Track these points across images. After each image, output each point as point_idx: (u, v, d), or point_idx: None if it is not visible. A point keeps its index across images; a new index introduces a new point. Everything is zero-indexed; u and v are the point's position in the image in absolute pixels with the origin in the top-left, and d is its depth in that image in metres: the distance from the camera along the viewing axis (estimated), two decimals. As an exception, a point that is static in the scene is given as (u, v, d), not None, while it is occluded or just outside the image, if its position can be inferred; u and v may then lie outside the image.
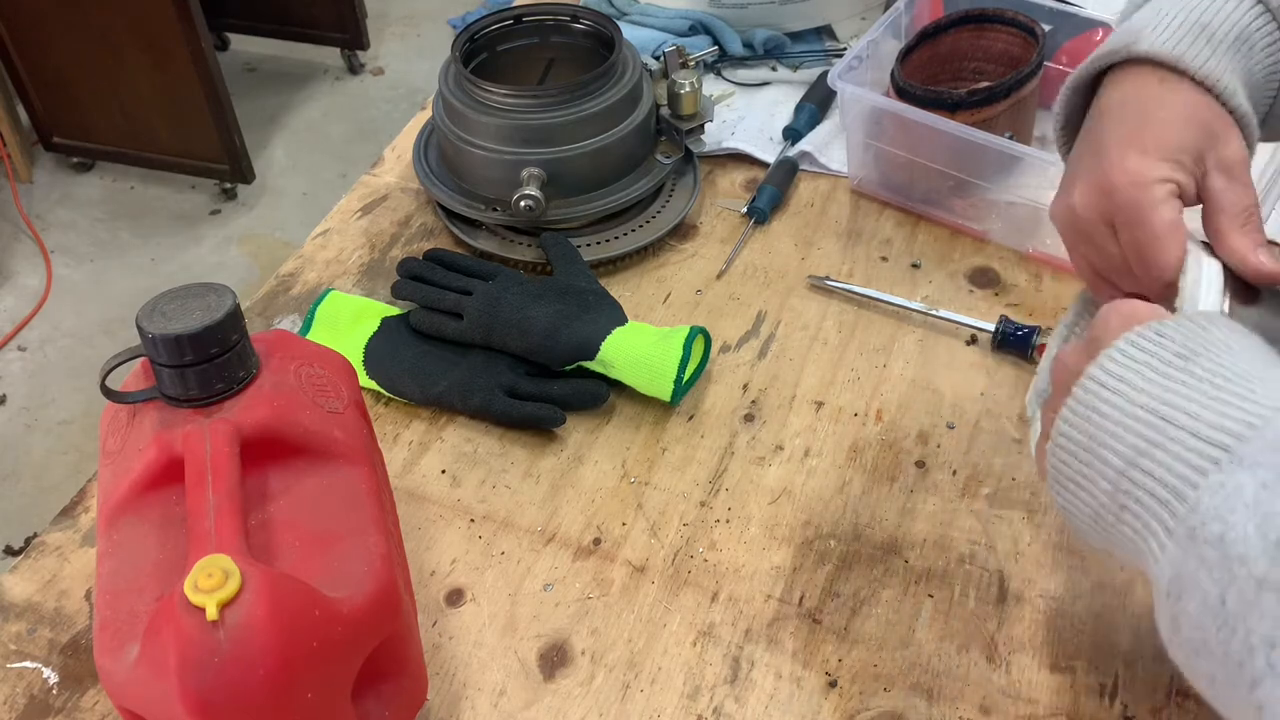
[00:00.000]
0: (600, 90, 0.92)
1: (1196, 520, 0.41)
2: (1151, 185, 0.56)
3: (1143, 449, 0.43)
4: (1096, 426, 0.45)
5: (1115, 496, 0.44)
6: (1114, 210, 0.57)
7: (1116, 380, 0.45)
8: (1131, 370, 0.45)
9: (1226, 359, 0.44)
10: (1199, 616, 0.40)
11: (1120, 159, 0.57)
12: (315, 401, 0.60)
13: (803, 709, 0.66)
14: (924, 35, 0.99)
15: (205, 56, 2.26)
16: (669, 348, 0.80)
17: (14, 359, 2.23)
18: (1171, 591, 0.42)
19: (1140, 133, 0.57)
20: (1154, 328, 0.46)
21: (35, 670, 0.69)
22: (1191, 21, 0.58)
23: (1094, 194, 0.58)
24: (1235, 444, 0.41)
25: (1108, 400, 0.45)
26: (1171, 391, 0.43)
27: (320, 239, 0.99)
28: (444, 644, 0.70)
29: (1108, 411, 0.45)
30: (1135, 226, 0.57)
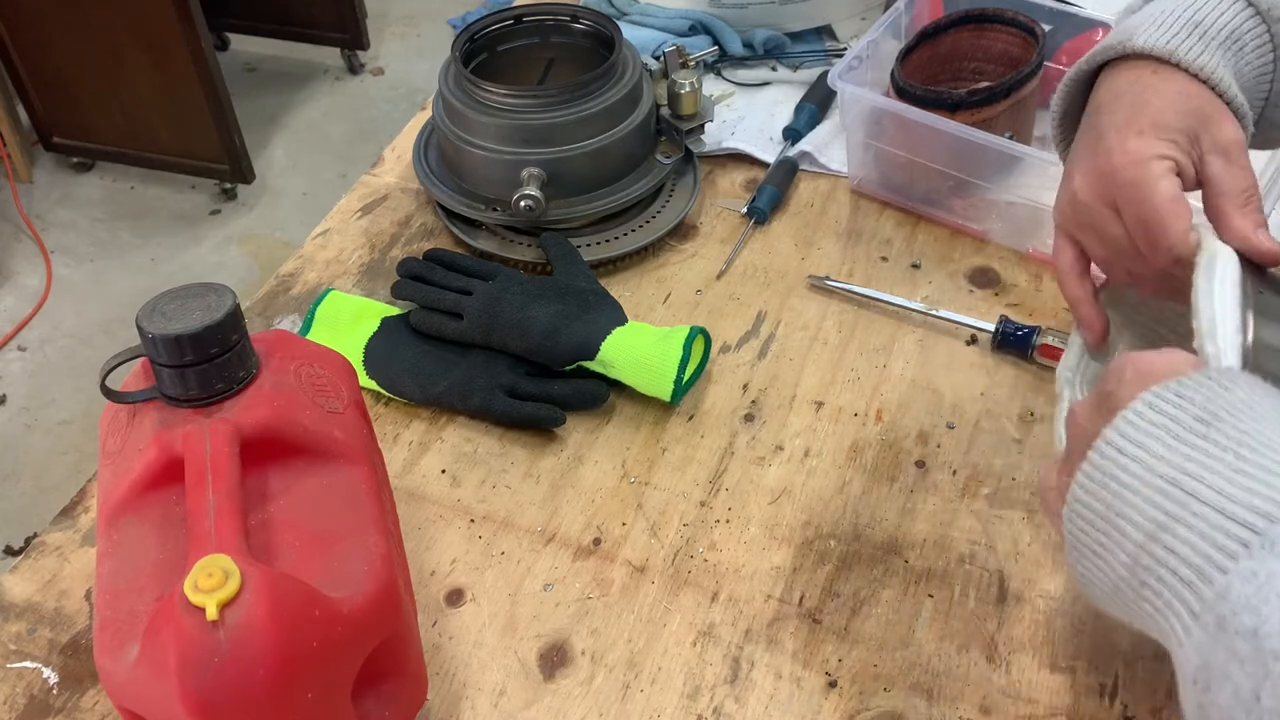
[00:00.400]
0: (600, 90, 0.92)
1: (1226, 609, 0.39)
2: (1150, 161, 0.57)
3: (1163, 523, 0.41)
4: (1114, 495, 0.43)
5: (1135, 571, 0.43)
6: (1115, 191, 0.58)
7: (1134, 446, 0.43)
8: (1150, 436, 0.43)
9: (1250, 425, 0.42)
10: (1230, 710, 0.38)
11: (1119, 142, 0.58)
12: (315, 401, 0.60)
13: (803, 709, 0.66)
14: (924, 35, 0.99)
15: (205, 56, 2.26)
16: (669, 348, 0.80)
17: (14, 359, 2.23)
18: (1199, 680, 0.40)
19: (1136, 117, 0.58)
20: (1173, 389, 0.44)
21: (35, 670, 0.69)
22: (1185, 19, 0.59)
23: (1094, 178, 0.59)
24: (1266, 525, 0.39)
25: (1125, 468, 0.43)
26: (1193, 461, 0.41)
27: (320, 239, 0.99)
28: (444, 644, 0.70)
29: (1126, 480, 0.43)
30: (1138, 203, 0.57)
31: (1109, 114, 0.60)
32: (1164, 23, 0.60)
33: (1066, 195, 0.62)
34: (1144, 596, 0.42)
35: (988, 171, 0.93)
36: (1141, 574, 0.42)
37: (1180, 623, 0.41)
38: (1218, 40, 0.59)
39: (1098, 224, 0.60)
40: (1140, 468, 0.42)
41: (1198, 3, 0.60)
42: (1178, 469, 0.41)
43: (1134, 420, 0.43)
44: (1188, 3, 0.60)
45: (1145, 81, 0.59)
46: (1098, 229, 0.61)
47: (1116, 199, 0.59)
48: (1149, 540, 0.42)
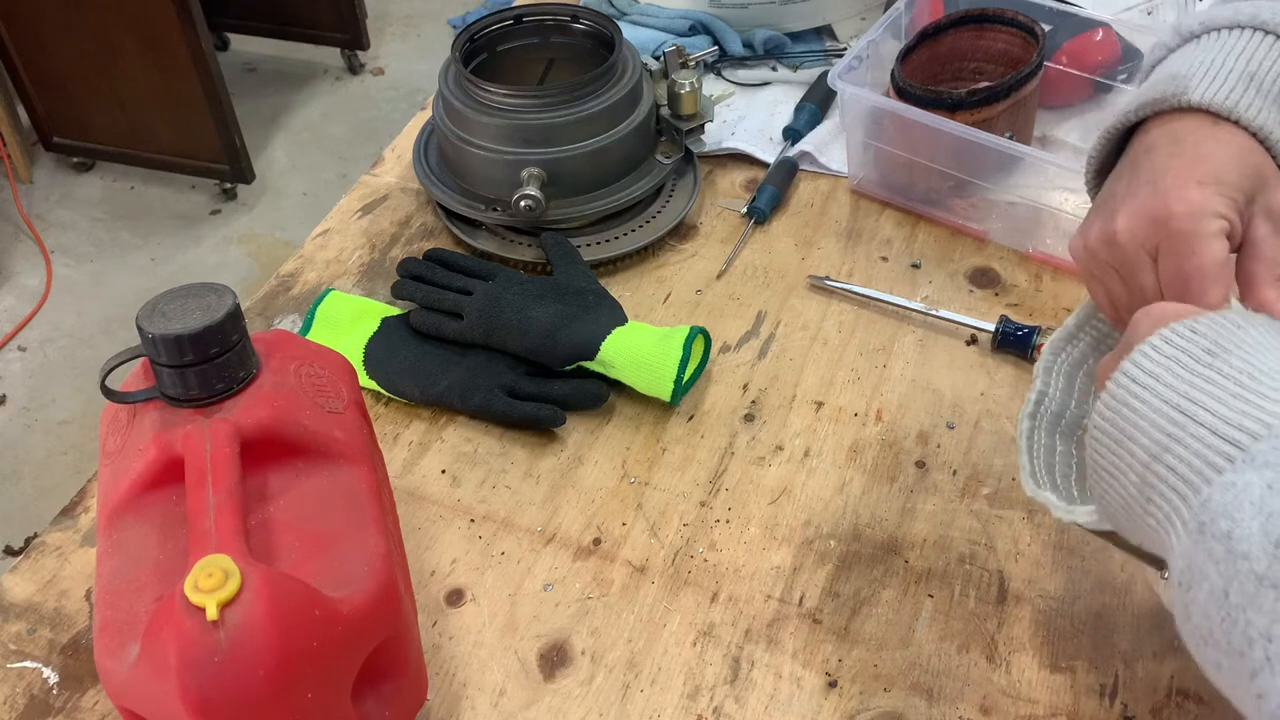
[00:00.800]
0: (600, 90, 0.92)
1: (1207, 516, 0.42)
2: (1209, 218, 0.55)
3: (1166, 444, 0.44)
4: (1126, 420, 0.46)
5: (1142, 489, 0.46)
6: (1164, 239, 0.56)
7: (1146, 375, 0.46)
8: (1161, 366, 0.46)
9: (1256, 357, 0.45)
10: (1206, 607, 0.42)
11: (1179, 188, 0.56)
12: (315, 401, 0.60)
13: (803, 709, 0.66)
14: (924, 35, 0.99)
15: (205, 56, 2.26)
16: (669, 348, 0.80)
17: (14, 359, 2.23)
18: (1183, 581, 0.43)
19: (1197, 165, 0.56)
20: (1188, 324, 0.46)
21: (35, 670, 0.69)
22: (1240, 71, 0.58)
23: (1144, 221, 0.57)
24: (1250, 442, 0.42)
25: (1137, 395, 0.46)
26: (1197, 388, 0.44)
27: (320, 239, 0.99)
28: (444, 644, 0.70)
29: (1137, 406, 0.46)
30: (1185, 258, 0.55)
31: (1164, 157, 0.57)
32: (1219, 74, 0.58)
33: (1101, 232, 0.59)
34: (1149, 511, 0.46)
35: (988, 171, 0.93)
36: (1147, 490, 0.45)
37: (1174, 532, 0.44)
38: (1273, 94, 0.57)
39: (1129, 268, 0.58)
40: (1150, 394, 0.45)
41: (1249, 50, 0.58)
42: (1183, 395, 0.44)
43: (1148, 352, 0.46)
44: (1239, 50, 0.58)
45: (1205, 131, 0.57)
46: (1129, 273, 0.58)
47: (1162, 247, 0.56)
48: (1153, 460, 0.45)
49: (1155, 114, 0.60)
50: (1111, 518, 0.50)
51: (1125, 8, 1.08)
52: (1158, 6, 1.07)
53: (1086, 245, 0.61)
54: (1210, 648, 0.42)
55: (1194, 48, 0.61)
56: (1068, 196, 0.91)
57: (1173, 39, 0.63)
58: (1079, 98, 1.04)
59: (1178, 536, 0.44)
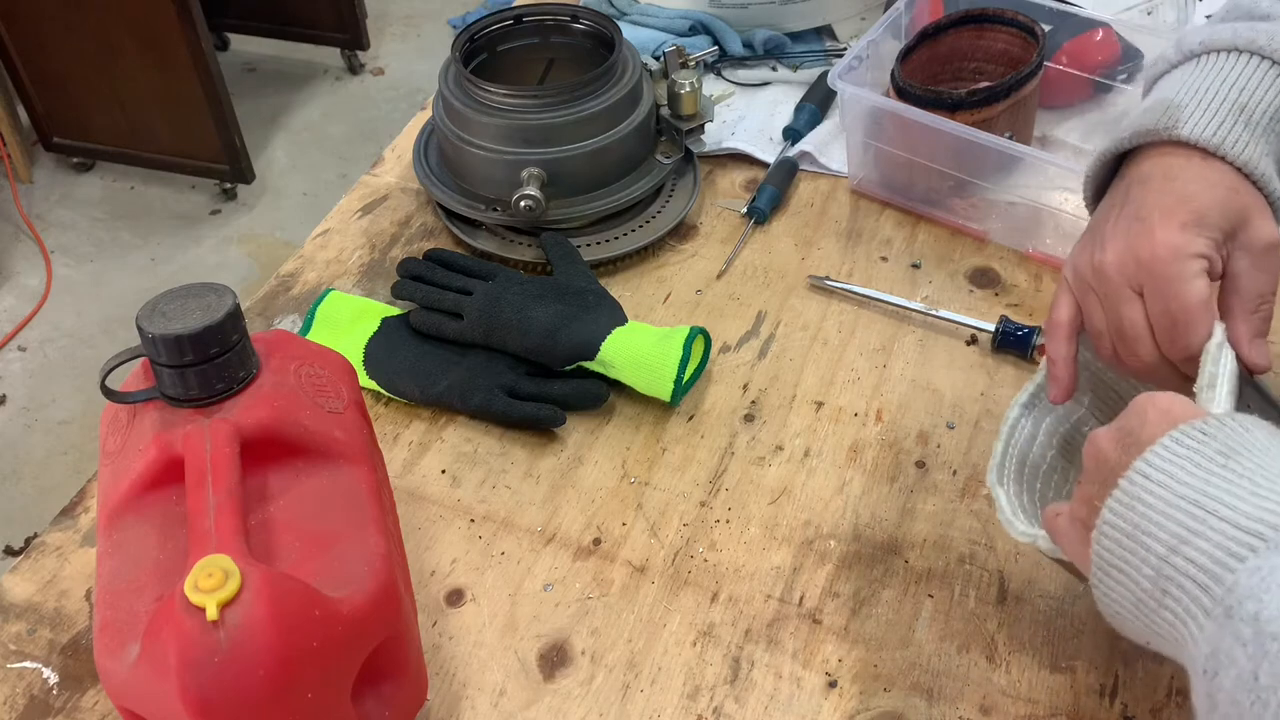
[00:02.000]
0: (600, 90, 0.92)
1: (1234, 600, 0.43)
2: (1189, 260, 0.58)
3: (1184, 537, 0.45)
4: (1140, 515, 0.47)
5: (1158, 582, 0.47)
6: (1147, 279, 0.59)
7: (1161, 474, 0.47)
8: (1175, 465, 0.47)
9: (1266, 460, 0.46)
10: (1233, 692, 0.42)
11: (1163, 230, 0.58)
12: (315, 401, 0.60)
13: (803, 709, 0.66)
14: (924, 35, 0.99)
15: (205, 56, 2.26)
16: (669, 348, 0.80)
17: (14, 359, 2.23)
18: (1208, 669, 0.44)
19: (1182, 206, 0.58)
20: (1199, 426, 0.48)
21: (35, 670, 0.69)
22: (1231, 103, 0.60)
23: (1129, 260, 0.59)
24: (1272, 534, 0.43)
25: (1152, 491, 0.47)
26: (1213, 485, 0.46)
27: (320, 239, 0.99)
28: (444, 644, 0.70)
29: (1152, 502, 0.47)
30: (1168, 299, 0.58)
31: (1154, 194, 0.60)
32: (1210, 105, 0.60)
33: (1089, 261, 0.62)
34: (1164, 604, 0.46)
35: (988, 171, 0.93)
36: (1163, 584, 0.46)
37: (1195, 622, 0.45)
38: (1262, 125, 0.59)
39: (1114, 301, 0.60)
40: (1166, 491, 0.47)
41: (1242, 79, 0.60)
42: (1199, 492, 0.46)
43: (1162, 452, 0.48)
44: (1233, 79, 0.60)
45: (1195, 170, 0.59)
46: (1112, 306, 0.61)
47: (1146, 287, 0.59)
48: (1170, 553, 0.46)
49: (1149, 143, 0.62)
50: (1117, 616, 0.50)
51: (1125, 8, 1.08)
52: (1158, 6, 1.07)
53: (1076, 270, 0.64)
54: None
55: (1192, 69, 0.63)
56: (1068, 196, 0.91)
57: (1175, 54, 0.65)
58: (1079, 98, 1.04)
59: (1199, 626, 0.44)
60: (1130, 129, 0.62)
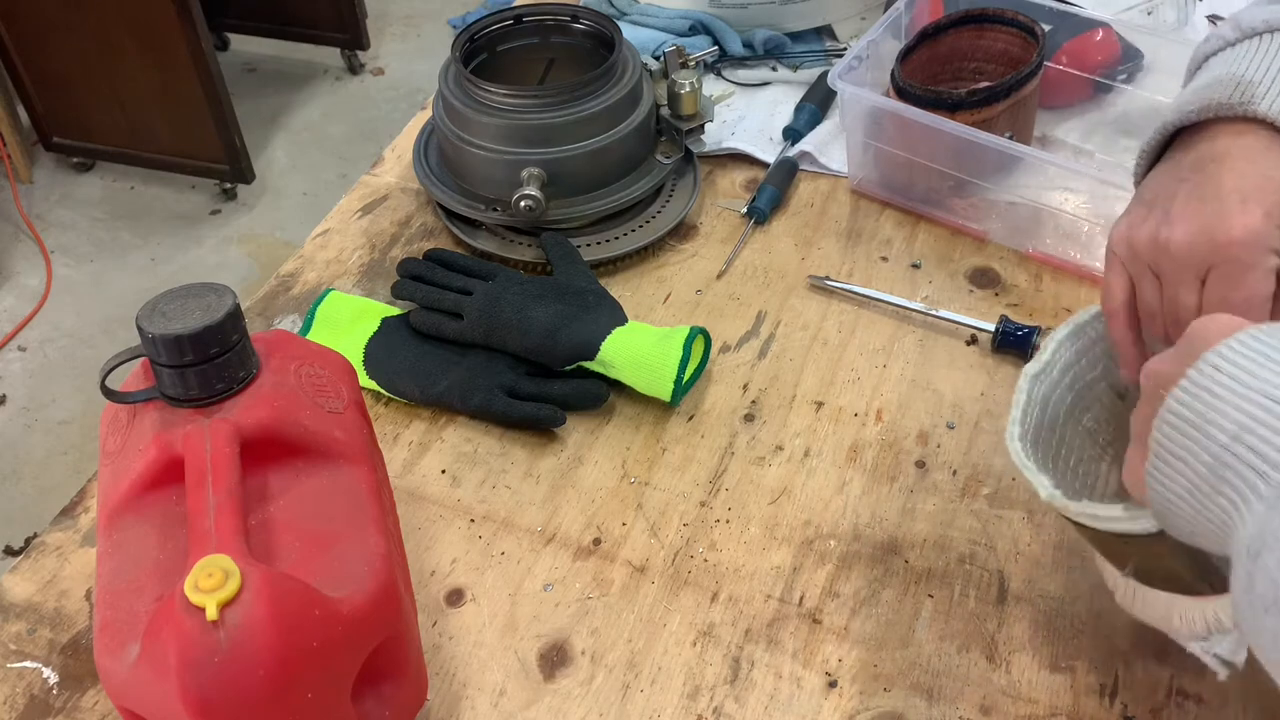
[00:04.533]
0: (600, 90, 0.92)
1: None
2: (1267, 252, 0.56)
3: (1248, 425, 0.45)
4: (1206, 405, 0.47)
5: (1215, 469, 0.47)
6: (1218, 261, 0.57)
7: (1230, 365, 0.47)
8: (1246, 358, 0.47)
9: None
10: (1274, 571, 0.42)
11: (1243, 214, 0.56)
12: (315, 401, 0.60)
13: (803, 709, 0.66)
14: (924, 35, 0.99)
15: (205, 56, 2.26)
16: (669, 348, 0.80)
17: (14, 359, 2.23)
18: (1252, 549, 0.44)
19: (1265, 193, 0.56)
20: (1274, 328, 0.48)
21: (35, 670, 0.69)
22: None
23: (1203, 239, 0.57)
24: None
25: (1220, 382, 0.47)
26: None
27: (320, 239, 0.99)
28: (444, 644, 0.70)
29: (1219, 392, 0.47)
30: (1233, 285, 0.56)
31: (1234, 175, 0.57)
32: None
33: (1151, 235, 0.59)
34: (1220, 491, 0.47)
35: (988, 171, 0.93)
36: (1221, 470, 0.46)
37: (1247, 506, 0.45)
38: None
39: (1175, 282, 0.58)
40: (1233, 381, 0.47)
41: None
42: (1267, 383, 0.46)
43: (1234, 345, 0.47)
44: None
45: (1276, 154, 0.57)
46: (1172, 286, 0.59)
47: (1214, 270, 0.57)
48: (1233, 441, 0.46)
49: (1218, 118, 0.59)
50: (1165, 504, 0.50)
51: (1125, 8, 1.08)
52: (1158, 6, 1.07)
53: (1132, 242, 0.61)
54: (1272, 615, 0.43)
55: (1257, 47, 0.60)
56: (1068, 196, 0.91)
57: (1231, 33, 0.62)
58: (1079, 98, 1.04)
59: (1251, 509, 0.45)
60: (1198, 103, 0.60)
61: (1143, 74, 1.02)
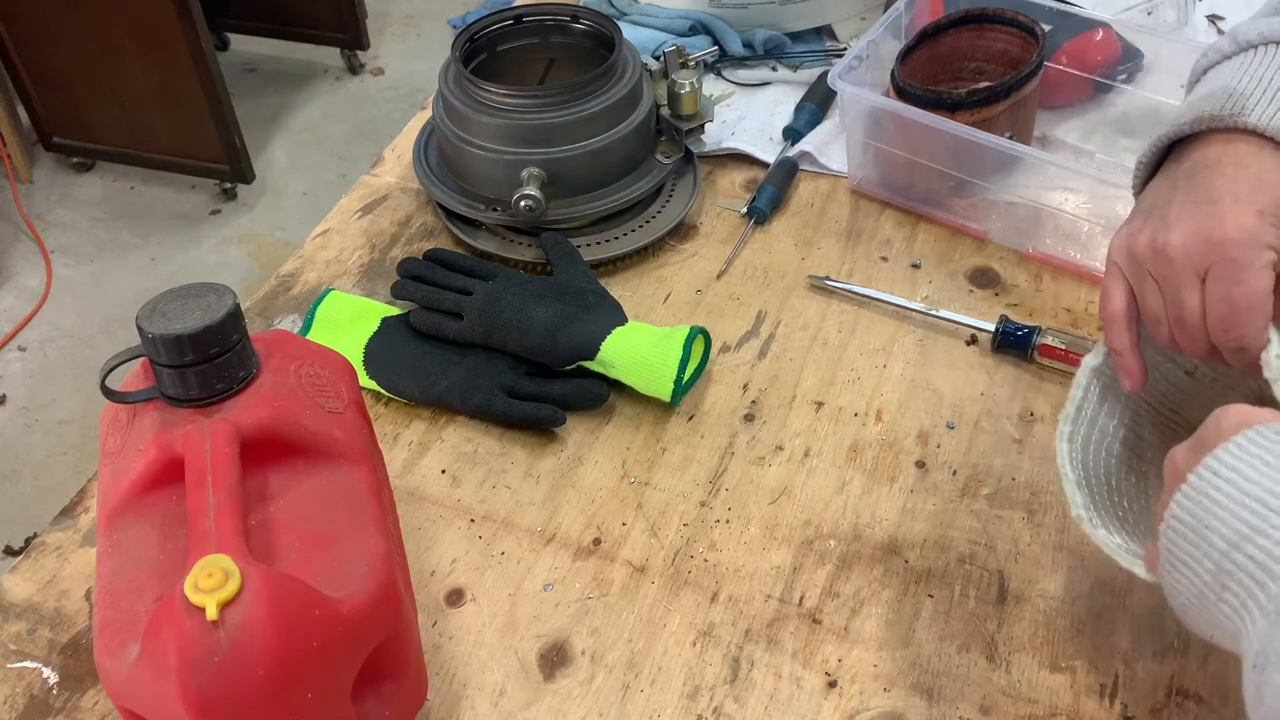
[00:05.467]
0: (600, 90, 0.92)
1: None
2: (1262, 249, 0.57)
3: (1246, 534, 0.46)
4: (1206, 510, 0.48)
5: (1218, 576, 0.47)
6: (1215, 262, 0.57)
7: (1229, 470, 0.47)
8: (1244, 463, 0.47)
9: None
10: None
11: (1236, 214, 0.57)
12: (315, 401, 0.60)
13: (803, 709, 0.66)
14: (924, 35, 0.99)
15: (205, 56, 2.26)
16: (669, 348, 0.80)
17: (14, 359, 2.23)
18: (1258, 664, 0.44)
19: (1258, 194, 0.57)
20: (1273, 428, 0.48)
21: (35, 670, 0.69)
22: None
23: (1198, 241, 0.58)
24: None
25: (1219, 487, 0.47)
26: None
27: (320, 239, 0.99)
28: (444, 644, 0.70)
29: (1218, 498, 0.47)
30: (1232, 284, 0.57)
31: (1225, 180, 0.58)
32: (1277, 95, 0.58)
33: (1152, 242, 0.60)
34: (1223, 599, 0.47)
35: (988, 171, 0.93)
36: (1223, 578, 0.47)
37: (1250, 617, 0.45)
38: None
39: (1176, 285, 0.59)
40: (1231, 488, 0.47)
41: None
42: (1265, 490, 0.46)
43: (1232, 450, 0.48)
44: None
45: (1266, 160, 0.58)
46: (1173, 290, 0.59)
47: (1212, 271, 0.57)
48: (1232, 549, 0.46)
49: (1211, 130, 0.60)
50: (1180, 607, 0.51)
51: (1125, 8, 1.08)
52: (1158, 6, 1.08)
53: (1131, 250, 0.61)
54: None
55: (1250, 60, 0.61)
56: (1068, 196, 0.91)
57: (1229, 45, 0.63)
58: (1079, 98, 1.04)
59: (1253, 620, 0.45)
60: (1191, 115, 0.61)
61: (1143, 74, 1.02)
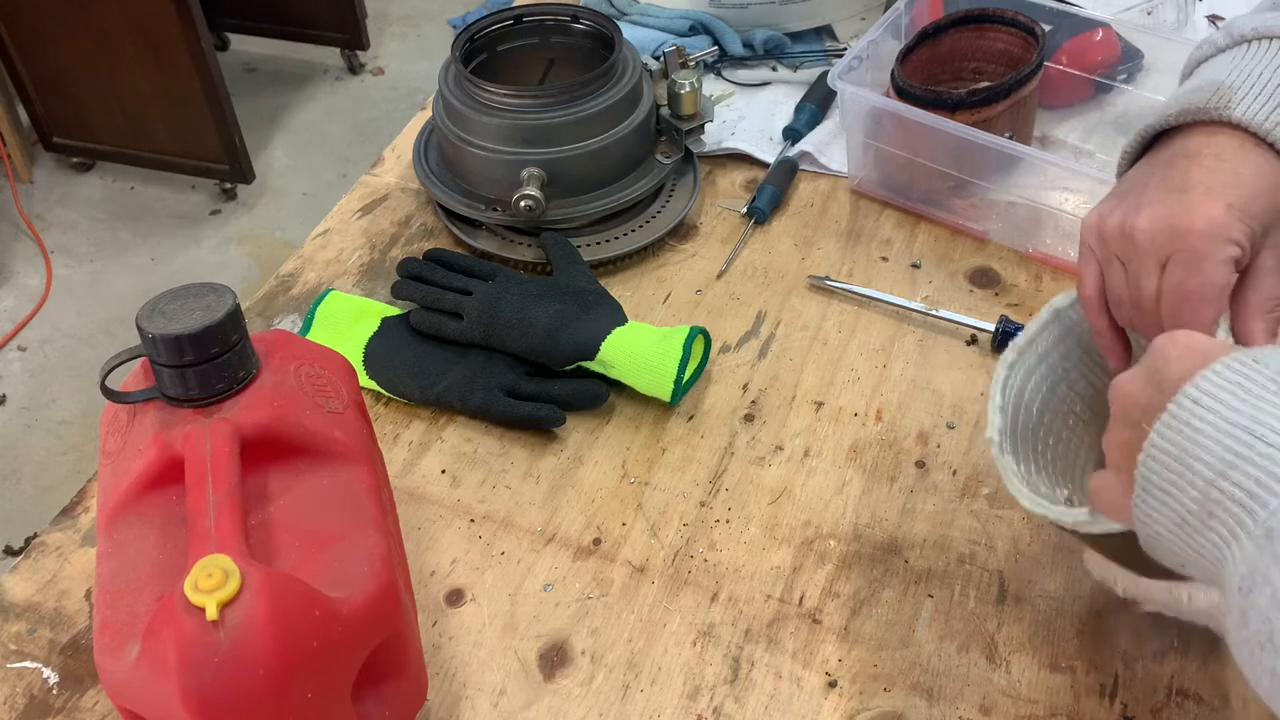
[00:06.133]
0: (600, 90, 0.92)
1: (1275, 523, 0.43)
2: (1225, 243, 0.57)
3: (1232, 461, 0.46)
4: (1188, 439, 0.47)
5: (1204, 504, 0.47)
6: (1177, 249, 0.58)
7: (1210, 399, 0.47)
8: (1225, 391, 0.47)
9: None
10: (1266, 610, 0.42)
11: (1206, 205, 0.57)
12: (315, 401, 0.60)
13: (803, 709, 0.66)
14: (924, 35, 0.99)
15: (205, 56, 2.26)
16: (669, 348, 0.80)
17: (14, 359, 2.23)
18: (1243, 587, 0.44)
19: (1231, 188, 0.58)
20: (1252, 354, 0.48)
21: (35, 670, 0.69)
22: None
23: (1164, 227, 0.59)
24: None
25: (1201, 417, 0.47)
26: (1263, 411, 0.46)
27: (320, 239, 0.99)
28: (444, 644, 0.70)
29: (1201, 426, 0.47)
30: (1190, 273, 0.58)
31: (1201, 171, 0.59)
32: (1265, 90, 0.59)
33: (1121, 224, 0.61)
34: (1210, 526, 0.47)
35: (988, 171, 0.93)
36: (1209, 505, 0.46)
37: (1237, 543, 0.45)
38: None
39: (1137, 268, 0.60)
40: (1215, 416, 0.47)
41: None
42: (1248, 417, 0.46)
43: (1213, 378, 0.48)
44: None
45: (1247, 155, 0.59)
46: (1136, 274, 0.60)
47: (1173, 258, 0.58)
48: (1218, 477, 0.46)
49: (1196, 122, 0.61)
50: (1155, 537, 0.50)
51: (1125, 8, 1.08)
52: (1158, 6, 1.08)
53: (1101, 230, 0.62)
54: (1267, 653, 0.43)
55: (1243, 54, 0.62)
56: (1068, 196, 0.91)
57: (1223, 39, 0.64)
58: (1079, 98, 1.04)
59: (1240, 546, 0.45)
60: (1177, 107, 0.61)
61: (1143, 74, 1.02)
